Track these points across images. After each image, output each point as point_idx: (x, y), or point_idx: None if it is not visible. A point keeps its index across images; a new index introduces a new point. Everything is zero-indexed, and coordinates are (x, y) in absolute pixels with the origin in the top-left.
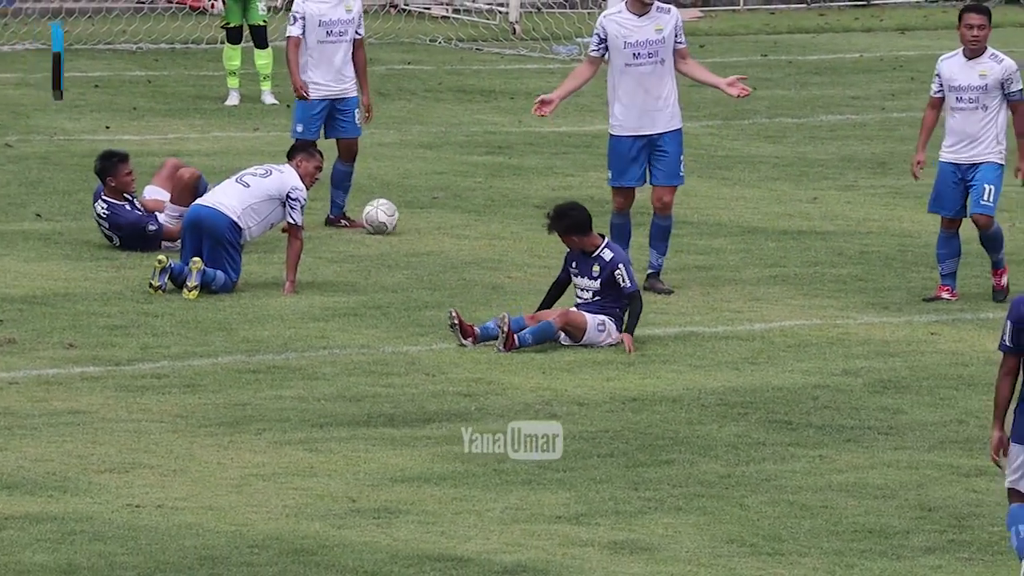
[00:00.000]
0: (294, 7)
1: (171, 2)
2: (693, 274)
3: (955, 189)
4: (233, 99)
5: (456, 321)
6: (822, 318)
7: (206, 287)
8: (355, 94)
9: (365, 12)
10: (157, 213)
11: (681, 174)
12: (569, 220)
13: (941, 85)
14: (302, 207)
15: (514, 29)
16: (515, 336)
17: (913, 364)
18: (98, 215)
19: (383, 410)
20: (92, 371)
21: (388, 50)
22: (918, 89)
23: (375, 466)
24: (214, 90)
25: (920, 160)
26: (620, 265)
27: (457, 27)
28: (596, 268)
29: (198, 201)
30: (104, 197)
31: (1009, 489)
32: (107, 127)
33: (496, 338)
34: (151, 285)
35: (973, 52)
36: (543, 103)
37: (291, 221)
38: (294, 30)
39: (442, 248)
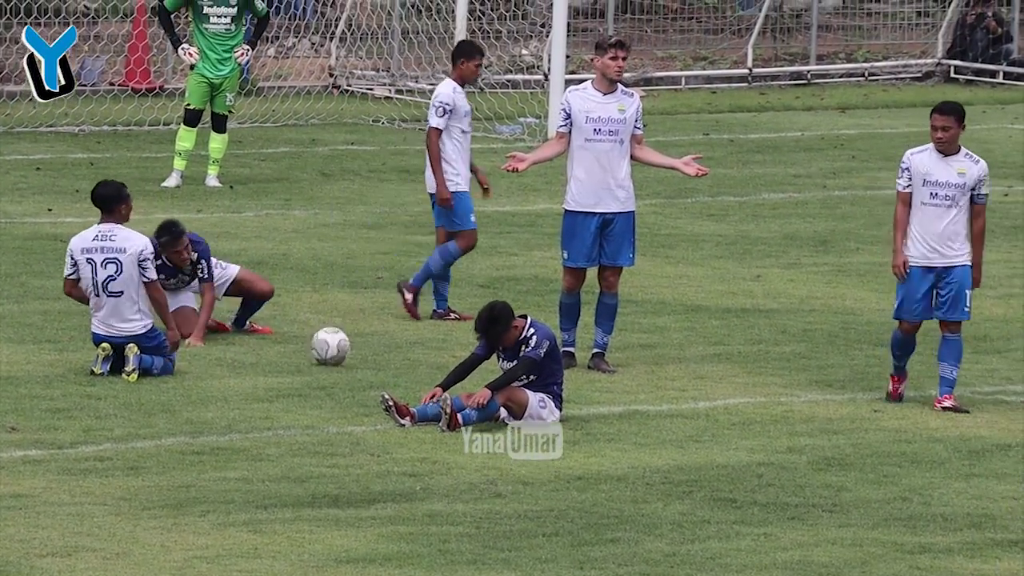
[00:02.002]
0: (441, 98)
1: (113, 84)
2: (637, 352)
3: (927, 293)
4: (172, 180)
5: (391, 404)
6: (766, 396)
7: (147, 373)
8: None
9: (308, 93)
10: None
11: (631, 255)
12: (505, 319)
13: (911, 179)
14: (152, 263)
15: None
16: (458, 415)
17: (857, 441)
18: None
19: (328, 491)
20: (34, 454)
21: (331, 131)
22: (859, 168)
23: (320, 547)
24: (157, 172)
25: (905, 260)
26: (534, 338)
27: (400, 107)
28: (524, 350)
29: (101, 332)
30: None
31: None
32: (49, 210)
33: (434, 418)
34: (92, 371)
35: (942, 152)
36: (516, 159)
37: (147, 280)
38: (440, 122)
39: (387, 328)
